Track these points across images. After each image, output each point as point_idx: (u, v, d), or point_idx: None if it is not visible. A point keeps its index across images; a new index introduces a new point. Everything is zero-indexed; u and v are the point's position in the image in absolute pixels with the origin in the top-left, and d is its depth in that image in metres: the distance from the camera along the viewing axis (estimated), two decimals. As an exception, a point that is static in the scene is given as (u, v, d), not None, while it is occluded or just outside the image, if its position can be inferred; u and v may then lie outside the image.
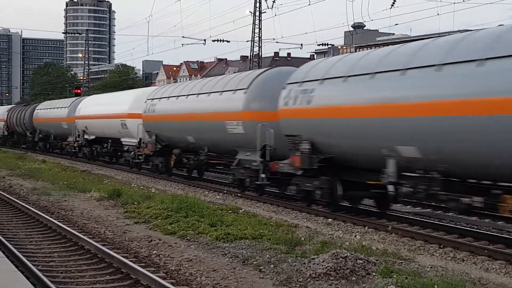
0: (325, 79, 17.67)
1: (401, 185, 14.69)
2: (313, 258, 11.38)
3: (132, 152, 33.30)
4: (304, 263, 11.25)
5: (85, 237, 13.90)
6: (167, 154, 29.46)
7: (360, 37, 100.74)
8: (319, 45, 63.89)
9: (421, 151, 13.96)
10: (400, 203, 19.22)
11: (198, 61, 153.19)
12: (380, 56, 16.22)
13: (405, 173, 14.62)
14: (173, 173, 29.90)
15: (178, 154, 28.53)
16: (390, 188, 15.29)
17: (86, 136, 41.32)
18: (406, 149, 14.38)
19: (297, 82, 19.08)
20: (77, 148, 43.30)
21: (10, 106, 71.56)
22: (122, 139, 34.96)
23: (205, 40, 58.44)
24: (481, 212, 17.45)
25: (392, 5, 45.98)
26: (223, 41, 59.82)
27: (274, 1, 54.19)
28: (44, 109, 52.33)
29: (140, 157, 31.90)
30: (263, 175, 21.15)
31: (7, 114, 62.91)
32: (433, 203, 17.95)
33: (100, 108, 38.40)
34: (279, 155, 20.41)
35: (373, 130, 15.33)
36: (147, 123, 30.64)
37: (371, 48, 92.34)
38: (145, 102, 31.10)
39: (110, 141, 37.75)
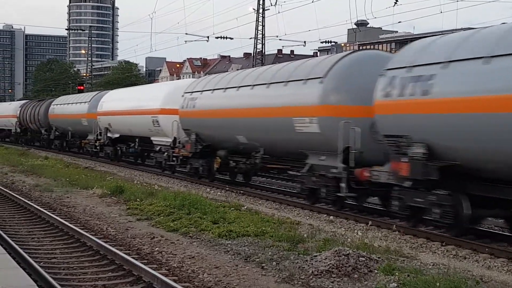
0: (451, 61, 13.63)
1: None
2: (316, 256, 11.39)
3: (165, 153, 29.65)
4: (307, 261, 11.25)
5: (87, 234, 13.91)
6: (209, 156, 25.83)
7: (363, 34, 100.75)
8: (322, 42, 63.80)
9: None
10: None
11: (201, 58, 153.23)
12: None
13: None
14: (216, 177, 26.40)
15: (223, 156, 24.88)
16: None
17: (109, 134, 37.75)
18: None
19: (405, 67, 14.99)
20: (98, 148, 39.75)
21: (23, 102, 67.50)
22: (152, 138, 31.23)
23: (208, 37, 58.50)
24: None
25: (395, 3, 45.99)
26: (226, 38, 59.84)
27: (277, -2, 54.17)
28: (61, 104, 48.61)
29: (174, 158, 28.68)
30: (343, 185, 17.24)
31: (20, 110, 59.09)
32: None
33: (126, 104, 34.70)
34: (365, 160, 16.86)
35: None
36: (185, 120, 26.93)
37: (373, 46, 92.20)
38: (182, 96, 27.30)
39: (137, 140, 34.18)
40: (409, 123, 14.56)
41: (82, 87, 74.72)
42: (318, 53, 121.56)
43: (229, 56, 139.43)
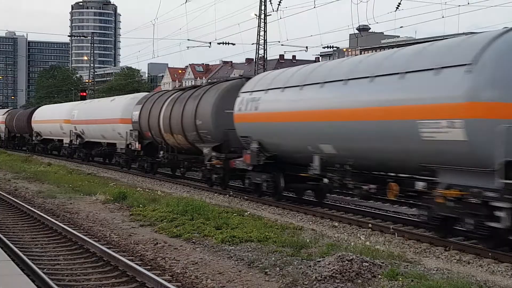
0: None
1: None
2: (319, 261, 11.38)
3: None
4: (310, 266, 11.25)
5: (90, 240, 13.91)
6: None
7: (365, 39, 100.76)
8: (324, 47, 63.77)
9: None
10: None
11: (203, 63, 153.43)
12: None
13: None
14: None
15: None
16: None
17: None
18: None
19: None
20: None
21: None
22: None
23: (210, 43, 58.54)
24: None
25: (397, 8, 46.00)
26: (228, 44, 59.88)
27: (279, 4, 54.31)
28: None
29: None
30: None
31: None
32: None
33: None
34: None
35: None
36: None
37: (376, 51, 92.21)
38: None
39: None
40: None
41: (84, 94, 74.77)
42: (320, 58, 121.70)
43: (231, 61, 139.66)
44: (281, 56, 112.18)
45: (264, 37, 56.60)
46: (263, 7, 55.73)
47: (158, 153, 30.92)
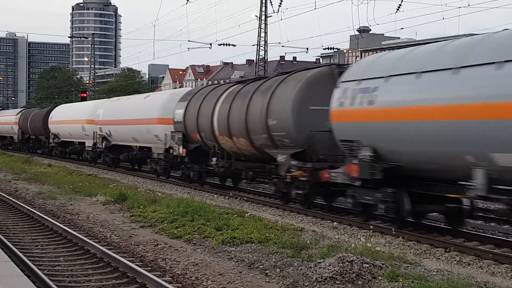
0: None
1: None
2: (319, 262, 11.39)
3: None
4: (310, 267, 11.25)
5: (91, 241, 13.91)
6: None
7: (366, 41, 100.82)
8: (324, 49, 63.86)
9: None
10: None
11: (204, 65, 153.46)
12: None
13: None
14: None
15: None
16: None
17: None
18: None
19: None
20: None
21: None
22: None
23: (211, 44, 58.55)
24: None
25: (398, 9, 46.06)
26: (229, 45, 59.89)
27: (280, 5, 54.31)
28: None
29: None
30: None
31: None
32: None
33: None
34: None
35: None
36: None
37: (376, 52, 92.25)
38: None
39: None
40: None
41: (85, 95, 74.83)
42: (321, 59, 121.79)
43: (232, 63, 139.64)
44: (282, 57, 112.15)
45: (264, 38, 56.64)
46: (263, 8, 55.79)
47: (209, 160, 25.51)
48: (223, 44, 59.56)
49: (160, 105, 31.16)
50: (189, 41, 67.00)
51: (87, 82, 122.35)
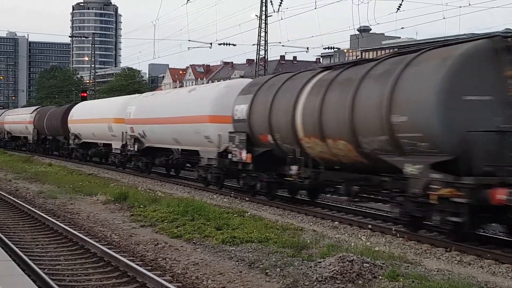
0: None
1: None
2: (320, 262, 11.39)
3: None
4: (311, 267, 11.25)
5: (91, 241, 13.91)
6: None
7: (366, 40, 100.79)
8: (325, 48, 63.74)
9: None
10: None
11: (204, 64, 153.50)
12: None
13: None
14: None
15: None
16: None
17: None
18: None
19: None
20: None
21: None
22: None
23: (211, 43, 58.49)
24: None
25: (398, 9, 45.86)
26: (229, 44, 59.85)
27: (280, 5, 54.25)
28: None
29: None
30: None
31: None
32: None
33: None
34: None
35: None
36: None
37: (376, 52, 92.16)
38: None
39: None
40: None
41: (85, 94, 74.79)
42: (321, 59, 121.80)
43: (232, 62, 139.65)
44: (282, 57, 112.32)
45: (265, 38, 56.58)
46: (264, 8, 55.75)
47: (284, 168, 20.24)
48: (223, 44, 59.51)
49: (213, 99, 25.76)
50: (189, 40, 67.13)
51: (88, 81, 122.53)
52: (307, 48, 60.66)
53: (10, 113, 66.07)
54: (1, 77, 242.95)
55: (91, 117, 40.24)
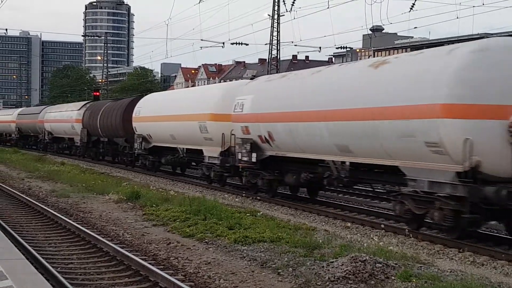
0: None
1: None
2: (332, 262, 11.36)
3: None
4: (323, 267, 11.23)
5: (103, 239, 13.95)
6: None
7: (379, 40, 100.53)
8: (337, 48, 63.60)
9: None
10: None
11: (216, 64, 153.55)
12: None
13: None
14: None
15: None
16: None
17: None
18: None
19: None
20: None
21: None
22: None
23: (223, 43, 58.51)
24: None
25: (411, 8, 45.75)
26: (241, 44, 59.84)
27: (292, 4, 54.19)
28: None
29: None
30: None
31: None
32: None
33: None
34: None
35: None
36: None
37: (389, 51, 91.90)
38: None
39: None
40: None
41: (97, 93, 74.97)
42: (334, 59, 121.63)
43: (244, 62, 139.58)
44: (294, 56, 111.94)
45: (277, 37, 56.53)
46: (276, 8, 55.70)
47: None
48: (236, 43, 59.50)
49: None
50: (201, 40, 66.94)
51: (100, 81, 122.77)
52: (320, 47, 60.31)
53: (52, 110, 55.87)
54: (14, 76, 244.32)
55: (169, 113, 29.99)
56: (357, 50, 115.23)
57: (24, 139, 65.08)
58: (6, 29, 69.45)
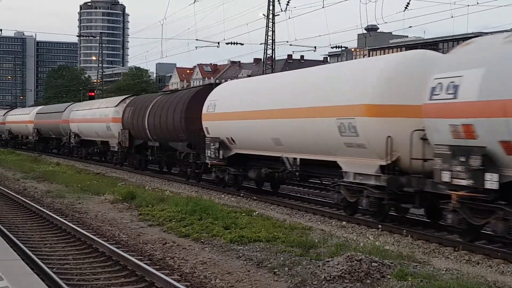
0: None
1: None
2: (328, 261, 11.37)
3: None
4: (319, 266, 11.24)
5: (99, 240, 13.95)
6: None
7: (373, 39, 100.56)
8: (332, 47, 63.74)
9: None
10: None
11: (211, 63, 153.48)
12: None
13: None
14: None
15: None
16: None
17: None
18: None
19: None
20: None
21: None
22: None
23: (218, 43, 58.46)
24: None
25: (406, 8, 45.78)
26: (236, 44, 59.81)
27: (287, 4, 54.17)
28: None
29: None
30: None
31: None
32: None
33: None
34: None
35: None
36: None
37: (384, 51, 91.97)
38: None
39: None
40: None
41: (93, 94, 74.92)
42: (329, 58, 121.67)
43: (239, 61, 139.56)
44: (289, 56, 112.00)
45: (272, 37, 56.51)
46: (271, 7, 55.68)
47: None
48: (231, 43, 59.46)
49: None
50: (196, 40, 67.09)
51: (95, 81, 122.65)
52: (315, 47, 60.29)
53: (80, 107, 46.27)
54: (9, 77, 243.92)
55: (275, 106, 20.64)
56: (352, 50, 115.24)
57: (44, 142, 56.39)
58: (1, 30, 68.49)
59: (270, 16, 55.93)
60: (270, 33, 56.38)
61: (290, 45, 61.88)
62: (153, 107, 32.02)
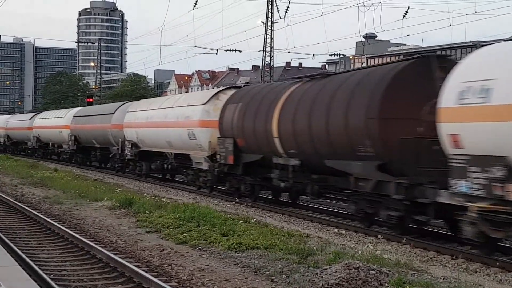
0: None
1: None
2: (326, 269, 11.36)
3: None
4: (317, 274, 11.22)
5: (97, 246, 13.92)
6: None
7: (372, 47, 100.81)
8: (331, 55, 63.74)
9: None
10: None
11: (209, 70, 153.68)
12: None
13: None
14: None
15: None
16: None
17: None
18: None
19: None
20: None
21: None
22: None
23: (217, 49, 58.56)
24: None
25: (404, 16, 46.00)
26: (235, 51, 59.90)
27: (286, 11, 54.27)
28: None
29: None
30: None
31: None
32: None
33: None
34: None
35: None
36: None
37: (382, 58, 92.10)
38: None
39: None
40: None
41: (91, 100, 74.86)
42: (327, 65, 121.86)
43: (238, 68, 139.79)
44: (288, 63, 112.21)
45: (270, 44, 56.57)
46: (270, 15, 55.76)
47: None
48: (229, 50, 59.57)
49: None
50: (195, 46, 67.11)
51: (94, 87, 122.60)
52: (313, 54, 60.49)
53: (140, 107, 35.22)
54: (7, 82, 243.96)
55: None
56: (350, 57, 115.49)
57: (84, 153, 45.48)
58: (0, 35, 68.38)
59: (269, 23, 55.99)
60: (268, 40, 56.43)
61: (289, 52, 62.04)
62: (288, 102, 20.46)
